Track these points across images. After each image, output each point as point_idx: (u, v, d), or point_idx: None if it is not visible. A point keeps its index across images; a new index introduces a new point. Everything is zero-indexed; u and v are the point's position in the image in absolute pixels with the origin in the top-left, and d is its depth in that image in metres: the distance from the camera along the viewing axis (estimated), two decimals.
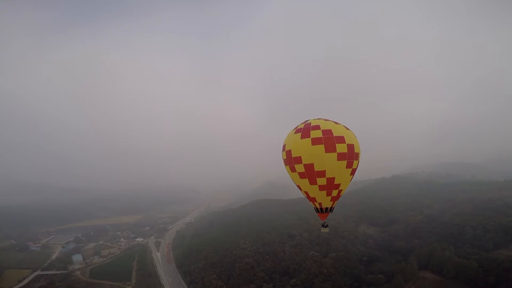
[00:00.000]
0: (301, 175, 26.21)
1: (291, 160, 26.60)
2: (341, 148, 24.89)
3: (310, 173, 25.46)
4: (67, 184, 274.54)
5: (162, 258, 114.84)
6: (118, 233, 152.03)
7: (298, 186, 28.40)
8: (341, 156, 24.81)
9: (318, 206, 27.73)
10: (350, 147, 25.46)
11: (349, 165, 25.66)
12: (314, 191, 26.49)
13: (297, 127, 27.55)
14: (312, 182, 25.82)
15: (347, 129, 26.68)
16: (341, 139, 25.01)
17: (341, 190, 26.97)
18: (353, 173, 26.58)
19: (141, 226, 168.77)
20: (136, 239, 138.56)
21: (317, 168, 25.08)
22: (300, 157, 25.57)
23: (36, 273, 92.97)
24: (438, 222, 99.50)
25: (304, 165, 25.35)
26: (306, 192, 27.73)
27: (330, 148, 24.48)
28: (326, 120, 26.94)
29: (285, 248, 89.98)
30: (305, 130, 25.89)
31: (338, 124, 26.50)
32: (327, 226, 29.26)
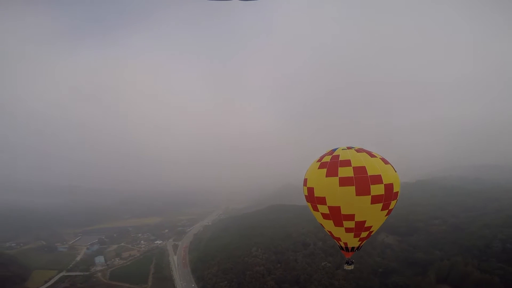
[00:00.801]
0: (325, 216, 23.26)
1: (313, 199, 23.41)
2: (377, 189, 21.12)
3: (336, 216, 22.43)
4: (95, 186, 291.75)
5: (178, 261, 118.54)
6: (139, 235, 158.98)
7: (321, 224, 25.42)
8: (376, 199, 21.18)
9: (343, 246, 24.81)
10: (388, 187, 21.51)
11: (385, 207, 21.95)
12: (339, 232, 23.62)
13: (321, 158, 23.71)
14: (338, 224, 22.88)
15: (385, 162, 22.39)
16: (377, 179, 21.07)
17: (372, 231, 23.65)
18: (389, 213, 23.06)
19: (161, 228, 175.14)
20: (155, 242, 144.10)
21: (344, 211, 21.87)
22: (325, 198, 22.35)
23: (61, 274, 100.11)
24: (464, 232, 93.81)
25: (329, 207, 22.29)
26: (329, 232, 24.89)
27: (362, 191, 20.90)
28: (359, 150, 22.71)
29: (297, 257, 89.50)
30: (331, 166, 22.17)
31: (374, 156, 22.36)
32: (352, 263, 25.90)
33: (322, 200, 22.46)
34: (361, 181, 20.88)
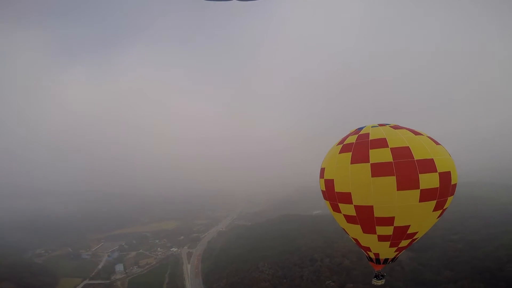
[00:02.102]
0: (350, 220, 17.80)
1: (333, 196, 17.84)
2: (429, 181, 15.39)
3: (366, 220, 16.92)
4: (118, 191, 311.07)
5: (191, 270, 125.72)
6: (157, 241, 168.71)
7: (343, 229, 20.09)
8: (427, 195, 15.49)
9: (373, 257, 19.76)
10: (445, 178, 15.81)
11: (439, 206, 16.35)
12: (369, 241, 18.32)
13: (343, 140, 18.06)
14: (368, 230, 17.47)
15: (436, 143, 16.56)
16: (428, 166, 15.36)
17: (416, 239, 18.41)
18: (441, 215, 17.56)
19: (178, 233, 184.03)
20: (171, 249, 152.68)
21: (379, 213, 16.22)
22: (350, 194, 16.65)
23: (85, 282, 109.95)
24: (479, 252, 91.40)
25: (356, 207, 16.71)
26: (355, 240, 19.76)
27: (407, 183, 15.19)
28: (395, 127, 17.00)
29: (303, 273, 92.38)
30: (359, 149, 16.56)
31: (420, 134, 16.65)
32: (382, 277, 21.63)
33: (346, 198, 16.87)
34: (405, 168, 15.15)
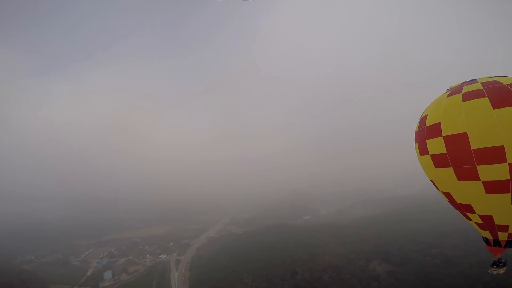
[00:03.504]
0: (438, 161, 15.46)
1: (422, 133, 16.41)
2: None
3: (459, 156, 14.28)
4: (111, 196, 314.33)
5: (178, 278, 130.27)
6: (146, 247, 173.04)
7: (434, 184, 17.68)
8: None
9: (478, 221, 16.41)
10: None
11: None
12: (468, 192, 15.12)
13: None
14: (464, 174, 14.42)
15: None
16: None
17: None
18: None
19: (168, 239, 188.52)
20: (160, 256, 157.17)
21: (477, 142, 13.52)
22: (439, 124, 15.03)
23: None
24: (455, 268, 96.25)
25: (446, 138, 14.55)
26: (448, 195, 16.82)
27: (504, 101, 13.38)
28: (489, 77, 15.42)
29: (284, 286, 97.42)
30: (455, 89, 15.89)
31: None
32: (504, 264, 18.35)
33: (435, 130, 15.11)
34: (497, 90, 13.97)
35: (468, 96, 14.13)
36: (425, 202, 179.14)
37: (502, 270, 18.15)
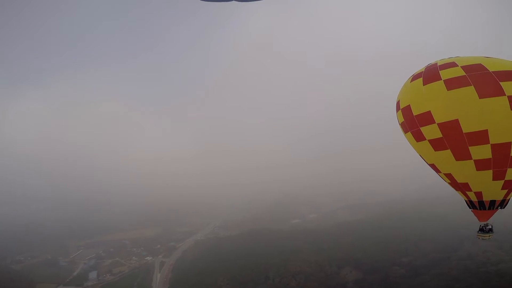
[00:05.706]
0: (437, 145, 17.31)
1: (412, 122, 17.88)
2: None
3: (455, 139, 16.38)
4: (104, 197, 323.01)
5: (160, 280, 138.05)
6: (134, 249, 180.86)
7: (433, 166, 19.39)
8: None
9: (474, 199, 18.27)
10: None
11: None
12: (466, 172, 17.33)
13: (411, 77, 18.70)
14: (461, 154, 16.73)
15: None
16: (510, 75, 15.34)
17: None
18: None
19: (157, 241, 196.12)
20: (146, 258, 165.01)
21: (467, 127, 15.81)
22: (429, 112, 16.59)
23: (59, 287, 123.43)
24: (417, 280, 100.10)
25: (440, 125, 16.45)
26: (450, 176, 18.58)
27: (489, 90, 15.07)
28: (467, 58, 17.11)
29: None
30: (429, 72, 17.29)
31: (492, 58, 16.71)
32: (490, 230, 19.72)
33: (427, 118, 16.70)
34: (482, 78, 15.24)
35: (452, 84, 15.70)
36: (404, 208, 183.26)
37: (488, 236, 19.69)
